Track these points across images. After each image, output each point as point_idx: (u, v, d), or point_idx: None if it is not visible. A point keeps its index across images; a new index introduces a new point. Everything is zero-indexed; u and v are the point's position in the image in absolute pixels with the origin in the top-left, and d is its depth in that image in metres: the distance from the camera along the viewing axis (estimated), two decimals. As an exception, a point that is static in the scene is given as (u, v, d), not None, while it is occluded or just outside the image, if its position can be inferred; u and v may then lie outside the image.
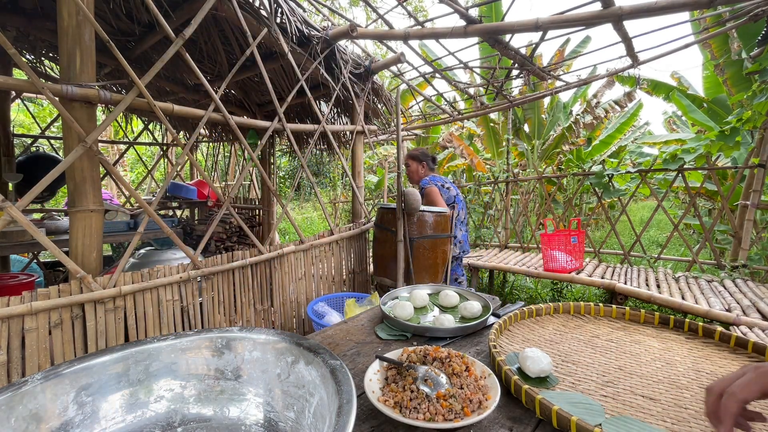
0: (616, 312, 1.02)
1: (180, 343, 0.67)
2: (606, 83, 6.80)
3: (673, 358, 0.80)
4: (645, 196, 8.59)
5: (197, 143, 5.19)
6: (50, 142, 4.35)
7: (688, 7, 1.70)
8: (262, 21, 2.03)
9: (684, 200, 8.05)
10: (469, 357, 0.75)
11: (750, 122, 3.29)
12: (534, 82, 3.67)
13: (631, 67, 2.84)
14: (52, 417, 0.53)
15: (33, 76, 1.24)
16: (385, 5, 2.51)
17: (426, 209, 2.52)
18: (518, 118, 7.43)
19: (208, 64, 3.00)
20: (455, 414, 0.61)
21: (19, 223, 1.23)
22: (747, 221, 3.13)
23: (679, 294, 2.63)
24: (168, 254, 2.75)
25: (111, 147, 7.54)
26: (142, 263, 2.66)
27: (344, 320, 1.12)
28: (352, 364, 0.83)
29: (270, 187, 2.27)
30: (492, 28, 2.06)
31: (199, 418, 0.64)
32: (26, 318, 1.28)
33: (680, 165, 3.47)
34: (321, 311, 2.19)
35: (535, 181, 5.72)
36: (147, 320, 1.60)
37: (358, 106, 2.86)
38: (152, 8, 1.52)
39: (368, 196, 8.85)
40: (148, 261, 2.67)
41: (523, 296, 4.10)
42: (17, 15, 2.26)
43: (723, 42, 4.58)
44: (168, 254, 2.75)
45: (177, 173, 4.62)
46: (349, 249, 2.79)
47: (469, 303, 1.08)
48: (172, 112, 1.65)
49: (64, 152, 1.49)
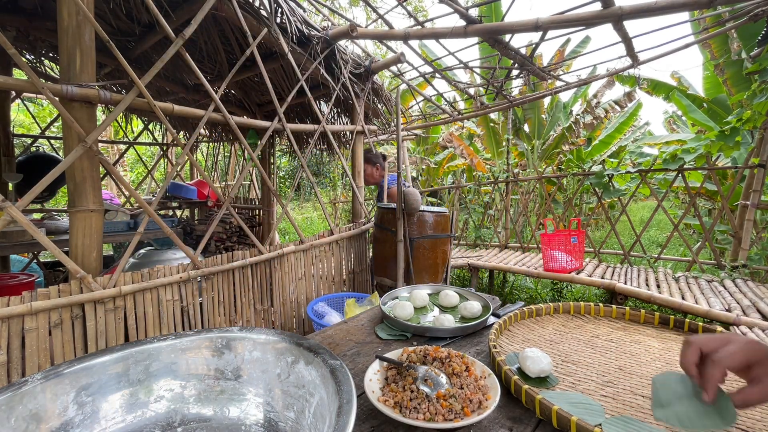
0: (616, 312, 1.02)
1: (180, 343, 0.67)
2: (606, 83, 6.79)
3: (673, 358, 0.80)
4: (645, 196, 8.59)
5: (197, 143, 5.19)
6: (50, 142, 4.35)
7: (688, 7, 1.70)
8: (262, 21, 2.03)
9: (684, 200, 8.05)
10: (469, 357, 0.75)
11: (750, 122, 3.29)
12: (534, 82, 3.67)
13: (631, 67, 2.84)
14: (52, 417, 0.53)
15: (33, 76, 1.24)
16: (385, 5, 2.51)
17: (426, 209, 2.52)
18: (518, 118, 7.43)
19: (208, 64, 3.00)
20: (455, 414, 0.61)
21: (19, 223, 1.23)
22: (747, 221, 3.13)
23: (679, 294, 2.63)
24: (168, 254, 2.75)
25: (111, 147, 7.54)
26: (142, 263, 2.66)
27: (344, 320, 1.12)
28: (352, 364, 0.83)
29: (270, 187, 2.27)
30: (492, 28, 2.06)
31: (199, 418, 0.64)
32: (26, 318, 1.28)
33: (680, 165, 3.47)
34: (321, 311, 2.19)
35: (535, 181, 5.72)
36: (147, 320, 1.60)
37: (358, 106, 2.86)
38: (152, 8, 1.52)
39: (368, 196, 8.85)
40: (148, 261, 2.67)
41: (523, 296, 4.10)
42: (17, 15, 2.26)
43: (723, 42, 4.58)
44: (168, 254, 2.75)
45: (177, 173, 4.62)
46: (349, 249, 2.79)
47: (469, 303, 1.08)
48: (172, 112, 1.65)
49: (64, 152, 1.49)
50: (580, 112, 6.76)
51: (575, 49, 6.47)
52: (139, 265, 2.63)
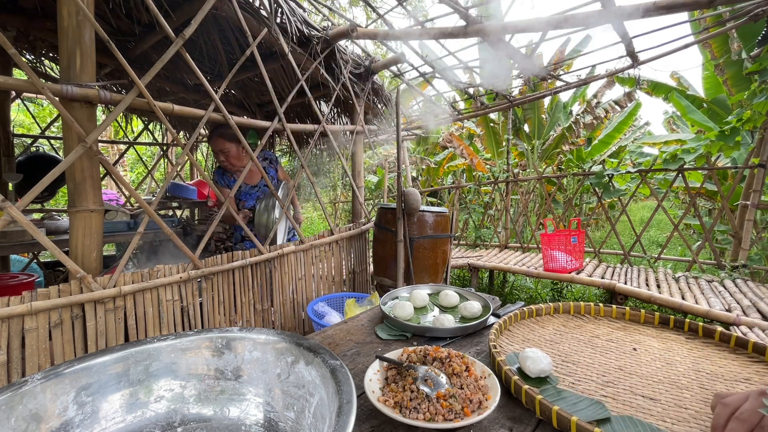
0: (616, 312, 1.02)
1: (180, 343, 0.67)
2: (606, 83, 6.80)
3: (673, 358, 0.80)
4: (645, 196, 8.59)
5: (197, 143, 5.19)
6: (50, 142, 4.35)
7: (688, 7, 1.70)
8: (262, 21, 2.03)
9: (684, 200, 8.05)
10: (469, 357, 0.75)
11: (750, 122, 3.29)
12: (534, 82, 3.67)
13: (631, 67, 2.84)
14: (52, 417, 0.53)
15: (33, 76, 1.24)
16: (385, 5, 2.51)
17: (426, 209, 2.52)
18: (518, 118, 7.43)
19: (208, 64, 3.00)
20: (455, 414, 0.61)
21: (19, 223, 1.23)
22: (747, 221, 3.13)
23: (679, 294, 2.63)
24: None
25: (111, 147, 7.54)
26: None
27: (344, 320, 1.12)
28: (352, 364, 0.83)
29: (270, 187, 2.26)
30: (492, 28, 2.07)
31: (199, 418, 0.64)
32: (26, 318, 1.28)
33: (680, 165, 3.47)
34: (321, 311, 2.19)
35: (535, 181, 5.72)
36: (147, 320, 1.60)
37: (358, 106, 2.86)
38: (152, 8, 1.52)
39: (368, 196, 8.85)
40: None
41: (523, 296, 4.10)
42: (17, 15, 2.26)
43: (723, 42, 4.58)
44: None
45: (177, 173, 4.62)
46: (349, 249, 2.79)
47: (469, 303, 1.08)
48: (172, 112, 1.65)
49: (64, 152, 1.49)
50: (580, 112, 6.76)
51: (575, 48, 6.48)
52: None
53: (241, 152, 2.34)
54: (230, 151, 2.30)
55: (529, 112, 7.25)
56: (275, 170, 2.53)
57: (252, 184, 2.47)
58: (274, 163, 2.55)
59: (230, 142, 2.28)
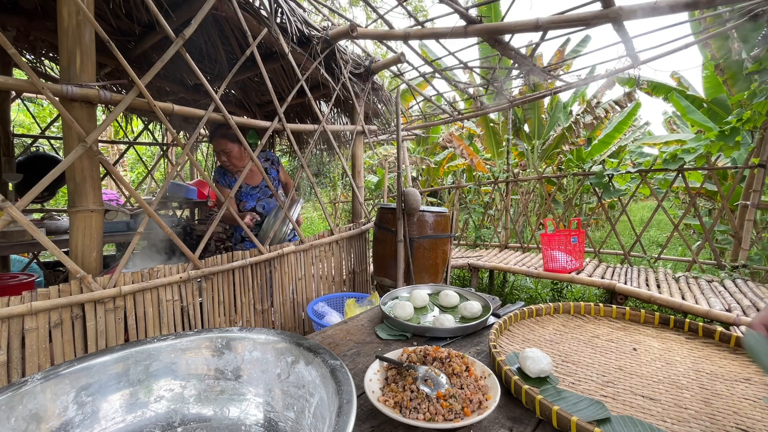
0: (616, 312, 1.02)
1: (180, 343, 0.67)
2: (606, 83, 6.80)
3: (673, 358, 0.80)
4: (645, 196, 8.60)
5: (197, 143, 5.19)
6: (50, 142, 4.35)
7: (688, 7, 1.70)
8: (262, 21, 2.03)
9: (684, 200, 8.05)
10: (469, 357, 0.75)
11: (750, 122, 3.29)
12: (534, 82, 3.67)
13: (631, 67, 2.84)
14: (52, 417, 0.53)
15: (33, 76, 1.24)
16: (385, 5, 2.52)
17: (426, 209, 2.52)
18: (518, 118, 7.43)
19: (208, 64, 3.00)
20: (455, 414, 0.61)
21: (19, 223, 1.23)
22: (747, 221, 3.13)
23: (679, 294, 2.63)
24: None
25: (111, 147, 7.54)
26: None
27: (344, 320, 1.12)
28: (352, 364, 0.83)
29: (270, 187, 2.26)
30: (492, 28, 2.06)
31: (199, 418, 0.64)
32: (26, 318, 1.28)
33: (680, 165, 3.47)
34: (321, 311, 2.19)
35: (535, 181, 5.73)
36: (147, 320, 1.60)
37: (358, 106, 2.86)
38: (152, 8, 1.52)
39: (368, 196, 8.85)
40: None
41: (523, 296, 4.10)
42: (17, 15, 2.26)
43: (723, 42, 4.57)
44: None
45: (177, 173, 4.62)
46: (349, 249, 2.79)
47: (469, 303, 1.08)
48: (172, 112, 1.65)
49: (64, 152, 1.49)
50: (580, 112, 6.76)
51: (575, 48, 6.48)
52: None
53: (243, 153, 2.31)
54: (232, 152, 2.28)
55: (529, 112, 7.25)
56: (277, 171, 2.53)
57: (253, 185, 2.47)
58: (276, 164, 2.54)
59: (233, 143, 2.26)
